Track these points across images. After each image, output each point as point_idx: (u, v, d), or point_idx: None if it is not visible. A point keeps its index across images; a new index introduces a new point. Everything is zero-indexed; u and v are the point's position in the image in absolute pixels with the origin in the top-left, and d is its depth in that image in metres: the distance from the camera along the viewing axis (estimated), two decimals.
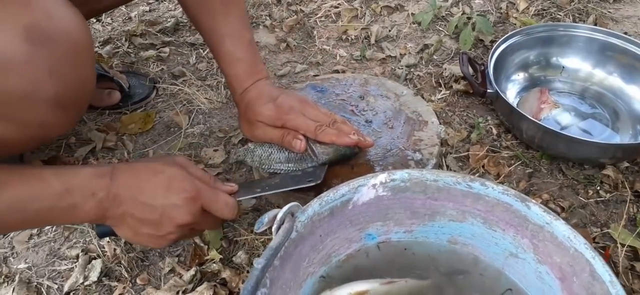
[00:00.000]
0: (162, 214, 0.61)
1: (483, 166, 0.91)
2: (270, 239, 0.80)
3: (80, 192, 0.57)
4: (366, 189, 0.63)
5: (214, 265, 0.75)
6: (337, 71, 1.13)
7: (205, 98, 1.07)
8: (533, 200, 0.60)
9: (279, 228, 0.56)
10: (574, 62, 1.08)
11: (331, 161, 0.78)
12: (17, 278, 0.76)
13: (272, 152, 0.79)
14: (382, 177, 0.63)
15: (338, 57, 1.19)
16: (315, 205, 0.60)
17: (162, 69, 1.16)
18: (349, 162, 0.82)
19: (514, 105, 0.98)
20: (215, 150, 0.95)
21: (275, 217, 0.56)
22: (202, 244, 0.79)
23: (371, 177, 0.63)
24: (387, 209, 0.66)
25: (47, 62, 0.54)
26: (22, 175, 0.55)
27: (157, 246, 0.64)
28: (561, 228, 0.57)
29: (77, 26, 0.57)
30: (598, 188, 0.89)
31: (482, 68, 0.98)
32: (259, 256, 0.77)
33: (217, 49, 0.80)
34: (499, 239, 0.64)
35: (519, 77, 1.08)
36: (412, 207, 0.66)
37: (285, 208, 0.56)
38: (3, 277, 0.76)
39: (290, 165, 0.78)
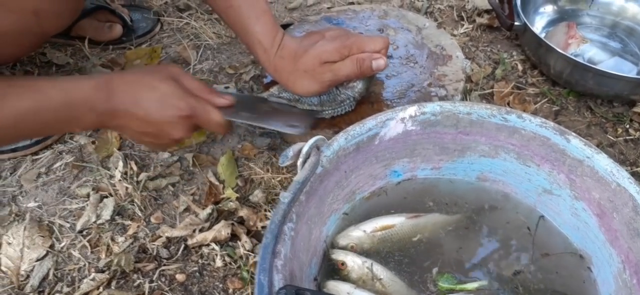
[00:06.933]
0: (159, 129, 0.62)
1: (508, 103, 0.87)
2: (287, 178, 0.78)
3: (80, 107, 0.57)
4: (394, 122, 0.59)
5: (231, 203, 0.73)
6: (352, 3, 1.07)
7: (213, 32, 1.02)
8: (573, 133, 0.57)
9: (304, 162, 0.53)
10: None
11: (363, 96, 0.74)
12: (27, 216, 0.73)
13: (301, 96, 0.73)
14: (411, 110, 0.59)
15: None
16: (341, 139, 0.57)
17: (166, 2, 1.10)
18: (369, 98, 0.78)
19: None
20: (226, 87, 0.90)
21: (300, 150, 0.53)
22: (217, 183, 0.76)
23: (400, 110, 0.59)
24: (414, 145, 0.62)
25: None
26: (21, 88, 0.54)
27: (162, 150, 0.69)
28: (603, 162, 0.54)
29: None
30: (627, 126, 0.85)
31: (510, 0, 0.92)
32: (277, 195, 0.76)
33: (236, 4, 0.69)
34: (532, 175, 0.61)
35: (547, 9, 1.02)
36: (442, 143, 0.62)
37: (310, 141, 0.53)
38: (13, 215, 0.74)
39: (325, 106, 0.74)
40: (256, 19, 0.69)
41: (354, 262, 0.56)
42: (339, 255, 0.56)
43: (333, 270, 0.57)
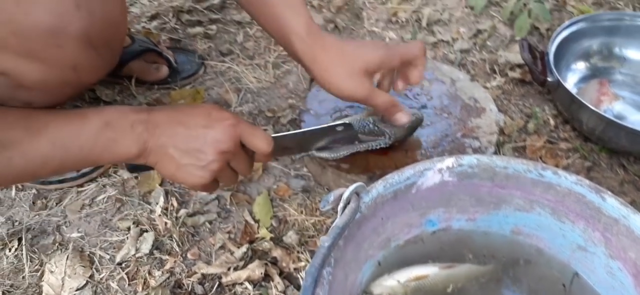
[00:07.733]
0: (205, 140, 0.61)
1: (540, 157, 0.87)
2: (320, 221, 0.80)
3: (119, 125, 0.58)
4: (432, 173, 0.61)
5: (265, 243, 0.75)
6: None
7: (254, 77, 1.06)
8: (609, 192, 0.57)
9: (344, 208, 0.54)
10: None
11: (398, 140, 0.79)
12: (70, 246, 0.77)
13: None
14: (449, 161, 0.61)
15: (388, 40, 1.16)
16: (379, 186, 0.59)
17: (210, 46, 1.16)
18: (404, 145, 0.80)
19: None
20: (265, 130, 0.94)
21: (340, 196, 0.55)
22: (252, 222, 0.78)
23: (438, 161, 0.61)
24: (450, 195, 0.63)
25: None
26: (64, 115, 0.57)
27: (198, 181, 0.62)
28: (639, 222, 0.54)
29: None
30: None
31: (543, 56, 0.94)
32: (310, 237, 0.77)
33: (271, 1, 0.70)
34: (567, 231, 0.61)
35: (580, 66, 1.04)
36: (477, 195, 0.63)
37: (351, 188, 0.55)
38: (57, 244, 0.77)
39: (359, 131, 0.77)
40: (291, 11, 0.70)
41: None
42: None
43: None
